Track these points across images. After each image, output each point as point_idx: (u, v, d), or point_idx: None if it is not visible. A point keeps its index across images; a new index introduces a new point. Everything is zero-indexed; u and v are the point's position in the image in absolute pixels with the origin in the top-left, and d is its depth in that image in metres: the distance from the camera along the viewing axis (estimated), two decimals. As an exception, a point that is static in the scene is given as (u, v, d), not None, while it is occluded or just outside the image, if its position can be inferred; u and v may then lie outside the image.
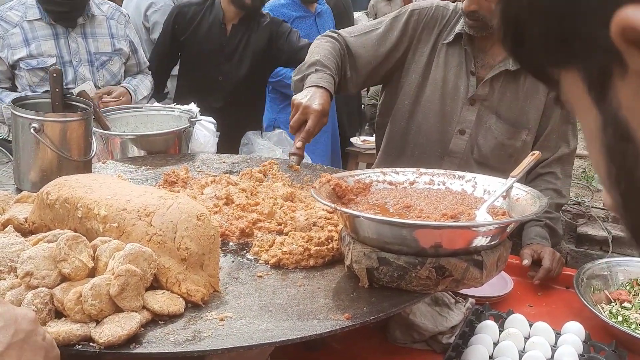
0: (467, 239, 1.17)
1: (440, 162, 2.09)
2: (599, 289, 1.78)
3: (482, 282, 1.21)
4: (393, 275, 1.19)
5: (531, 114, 2.04)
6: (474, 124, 2.05)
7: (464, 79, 2.04)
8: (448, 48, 2.07)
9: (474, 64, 2.03)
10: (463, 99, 2.05)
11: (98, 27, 2.82)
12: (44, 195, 1.34)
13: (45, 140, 1.66)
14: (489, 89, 2.02)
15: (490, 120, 2.04)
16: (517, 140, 2.05)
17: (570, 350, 1.46)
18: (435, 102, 2.08)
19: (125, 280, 1.06)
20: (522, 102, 2.03)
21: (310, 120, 1.75)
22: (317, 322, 1.09)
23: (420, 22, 2.09)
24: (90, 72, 2.78)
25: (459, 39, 2.04)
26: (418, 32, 2.09)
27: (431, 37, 2.09)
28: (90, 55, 2.78)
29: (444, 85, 2.06)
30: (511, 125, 2.04)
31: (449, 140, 2.09)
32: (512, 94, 2.03)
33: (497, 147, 2.05)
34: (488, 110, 2.04)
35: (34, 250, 1.10)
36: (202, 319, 1.10)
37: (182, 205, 1.22)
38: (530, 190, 1.36)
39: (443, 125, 2.08)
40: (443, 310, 1.59)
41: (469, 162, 2.07)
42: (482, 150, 2.06)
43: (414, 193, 1.48)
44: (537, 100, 2.03)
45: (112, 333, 1.00)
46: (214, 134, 2.48)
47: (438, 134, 2.09)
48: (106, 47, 2.84)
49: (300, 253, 1.35)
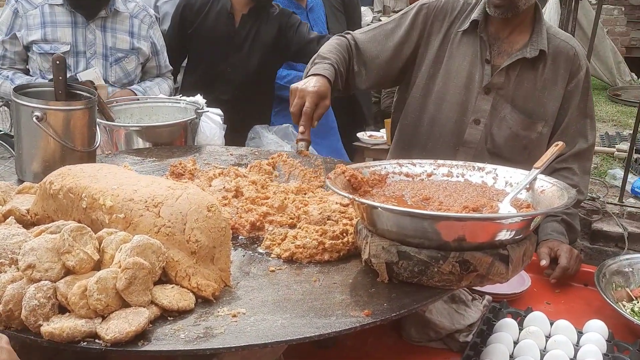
0: (493, 231, 1.11)
1: (455, 152, 2.03)
2: (621, 286, 1.72)
3: (507, 278, 1.15)
4: (414, 270, 1.13)
5: (549, 106, 1.97)
6: (488, 114, 2.00)
7: (479, 67, 1.99)
8: (462, 37, 2.01)
9: (489, 52, 1.98)
10: (478, 88, 1.99)
11: (120, 24, 2.75)
12: (47, 185, 1.29)
13: (48, 129, 1.61)
14: (504, 77, 1.97)
15: (505, 110, 1.98)
16: (533, 132, 1.99)
17: (594, 350, 1.40)
18: (448, 92, 2.03)
19: (133, 274, 1.00)
20: (540, 93, 1.97)
21: (307, 102, 1.72)
22: (336, 319, 1.03)
23: (430, 15, 2.06)
24: (103, 66, 2.71)
25: (475, 26, 1.98)
26: (428, 25, 2.05)
27: (442, 28, 2.04)
28: (106, 50, 2.70)
29: (458, 75, 2.01)
30: (527, 116, 1.98)
31: (464, 131, 2.03)
32: (529, 83, 1.96)
33: (511, 138, 1.99)
34: (503, 100, 1.98)
35: (37, 242, 1.04)
36: (214, 315, 1.05)
37: (192, 196, 1.16)
38: (556, 182, 1.30)
39: (458, 115, 2.03)
40: (460, 308, 1.54)
41: (483, 153, 2.01)
42: (495, 141, 2.01)
43: (432, 185, 1.42)
44: (556, 91, 1.97)
45: (119, 329, 0.95)
46: (221, 126, 2.43)
47: (452, 124, 2.03)
48: (124, 45, 2.76)
49: (314, 247, 1.30)
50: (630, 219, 2.83)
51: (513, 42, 1.97)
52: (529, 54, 1.92)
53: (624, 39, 8.55)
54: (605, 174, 3.28)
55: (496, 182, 1.41)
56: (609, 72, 6.48)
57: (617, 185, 3.07)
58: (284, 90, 3.48)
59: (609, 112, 5.29)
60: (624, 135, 4.39)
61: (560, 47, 1.97)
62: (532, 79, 1.96)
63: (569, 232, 1.96)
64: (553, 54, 1.96)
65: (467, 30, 2.00)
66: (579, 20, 4.59)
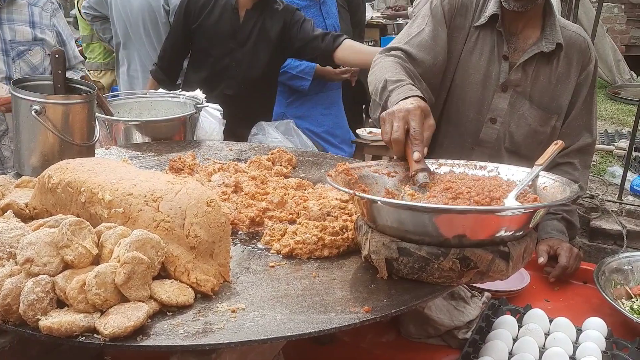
0: (494, 226, 1.10)
1: (470, 152, 1.99)
2: (620, 284, 1.72)
3: (508, 275, 1.14)
4: (414, 266, 1.12)
5: (562, 99, 1.94)
6: (506, 112, 1.94)
7: (496, 64, 1.93)
8: (480, 32, 1.94)
9: (507, 47, 1.92)
10: (494, 86, 1.94)
11: (17, 13, 2.53)
12: (46, 179, 1.28)
13: (46, 123, 1.60)
14: (521, 73, 1.91)
15: (524, 107, 1.93)
16: (548, 127, 1.95)
17: (593, 347, 1.40)
18: (465, 90, 1.96)
19: (132, 269, 1.00)
20: (554, 87, 1.93)
21: (413, 123, 1.41)
22: (335, 315, 1.03)
23: (453, 10, 1.95)
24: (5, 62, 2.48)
25: (494, 20, 1.91)
26: (453, 20, 1.96)
27: (465, 23, 1.96)
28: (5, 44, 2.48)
29: (475, 72, 1.95)
30: (544, 111, 1.93)
31: (480, 130, 1.98)
32: (545, 77, 1.92)
33: (530, 135, 1.95)
34: (521, 97, 1.93)
35: (35, 236, 1.04)
36: (213, 310, 1.04)
37: (191, 191, 1.16)
38: (558, 178, 1.29)
39: (473, 114, 1.97)
40: (459, 304, 1.54)
41: (500, 152, 1.97)
42: (514, 139, 1.96)
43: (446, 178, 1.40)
44: (569, 84, 1.93)
45: (117, 324, 0.94)
46: (220, 122, 2.42)
47: (468, 123, 1.98)
48: (25, 36, 2.54)
49: (314, 243, 1.29)
50: (629, 216, 2.83)
51: (526, 37, 1.92)
52: (545, 48, 1.88)
53: (624, 37, 8.54)
54: (604, 171, 3.28)
55: None
56: (609, 70, 6.48)
57: (616, 183, 3.07)
58: (296, 80, 3.49)
59: (609, 110, 5.29)
60: (623, 133, 4.39)
61: (572, 39, 1.93)
62: (547, 73, 1.92)
63: (569, 229, 1.96)
64: (566, 46, 1.91)
65: (484, 25, 1.92)
66: (579, 18, 4.59)
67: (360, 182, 1.37)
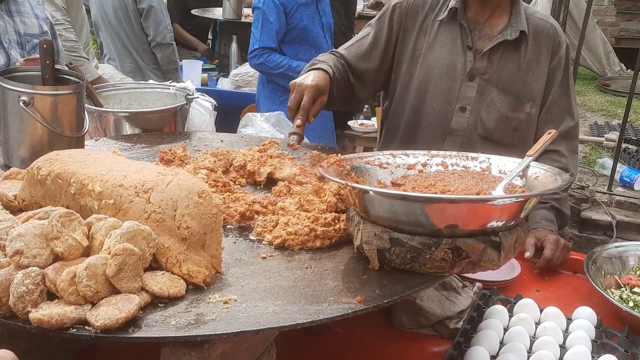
0: (485, 216, 1.11)
1: (442, 142, 2.04)
2: (609, 274, 1.74)
3: (499, 265, 1.15)
4: (406, 256, 1.13)
5: (534, 85, 1.99)
6: (474, 100, 2.00)
7: (461, 54, 1.99)
8: (440, 26, 2.02)
9: (470, 38, 1.98)
10: (462, 76, 2.00)
11: (22, 5, 2.41)
12: (35, 171, 1.27)
13: (35, 114, 1.58)
14: (487, 62, 1.97)
15: (492, 94, 1.99)
16: (521, 113, 2.00)
17: (583, 336, 1.41)
18: (430, 82, 2.03)
19: (123, 260, 0.99)
20: (524, 73, 1.98)
21: (305, 96, 1.74)
22: (328, 306, 1.03)
23: (403, 14, 2.07)
24: (23, 56, 2.35)
25: (454, 14, 1.99)
26: (402, 24, 2.07)
27: (416, 24, 2.06)
28: (20, 37, 2.37)
29: (438, 65, 2.02)
30: (514, 97, 1.99)
31: (450, 119, 2.03)
32: (513, 65, 1.97)
33: (501, 121, 2.00)
34: (488, 84, 1.99)
35: (24, 228, 1.02)
36: (205, 301, 1.04)
37: (182, 182, 1.15)
38: (550, 167, 1.30)
39: (442, 104, 2.03)
40: (451, 295, 1.54)
41: (472, 139, 2.02)
42: (485, 125, 2.01)
43: (431, 175, 1.41)
44: (540, 70, 1.98)
45: (109, 316, 0.93)
46: (211, 113, 2.41)
47: (437, 113, 2.04)
48: (34, 29, 2.43)
49: (306, 234, 1.29)
50: (618, 207, 2.86)
51: (493, 25, 1.98)
52: (509, 36, 1.94)
53: (614, 29, 8.57)
54: (594, 163, 3.30)
55: (490, 171, 1.41)
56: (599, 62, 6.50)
57: (605, 174, 3.09)
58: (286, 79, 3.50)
59: (598, 102, 5.31)
60: (613, 125, 4.42)
61: (540, 26, 1.99)
62: (515, 61, 1.97)
63: (558, 218, 1.97)
64: (534, 34, 1.97)
65: (445, 19, 2.00)
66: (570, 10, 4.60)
67: (352, 173, 1.37)
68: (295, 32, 3.54)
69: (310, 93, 1.75)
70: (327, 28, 3.73)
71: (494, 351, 1.36)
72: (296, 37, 3.55)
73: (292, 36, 3.55)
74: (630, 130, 4.01)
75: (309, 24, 3.56)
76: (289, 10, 3.53)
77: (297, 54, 3.56)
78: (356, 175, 1.38)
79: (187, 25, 5.65)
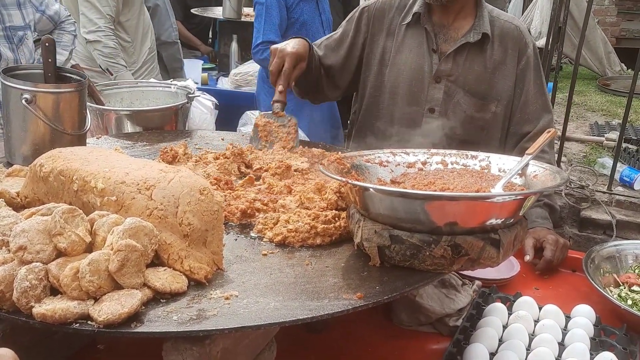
0: (485, 214, 1.11)
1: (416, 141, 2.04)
2: (608, 272, 1.74)
3: (498, 262, 1.16)
4: (406, 253, 1.13)
5: (500, 85, 2.02)
6: (442, 101, 2.03)
7: (427, 57, 2.02)
8: (407, 30, 2.05)
9: (435, 42, 2.01)
10: (429, 78, 2.03)
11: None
12: (37, 168, 1.28)
13: (37, 112, 1.59)
14: (452, 64, 2.00)
15: (458, 95, 2.02)
16: (487, 113, 2.03)
17: (581, 334, 1.42)
18: (399, 85, 2.06)
19: (125, 256, 1.00)
20: (491, 74, 2.01)
21: (286, 62, 1.82)
22: (328, 302, 1.04)
23: (371, 17, 2.10)
24: (10, 49, 2.30)
25: (418, 18, 2.02)
26: (371, 27, 2.10)
27: (383, 26, 2.09)
28: (6, 30, 2.29)
29: (406, 68, 2.05)
30: (479, 99, 2.02)
31: (421, 120, 2.06)
32: (479, 66, 2.00)
33: (466, 121, 2.03)
34: (455, 85, 2.02)
35: (28, 224, 1.03)
36: (207, 297, 1.05)
37: (184, 179, 1.16)
38: (549, 166, 1.31)
39: (412, 106, 2.06)
40: (450, 292, 1.55)
41: (442, 139, 2.03)
42: (452, 124, 2.04)
43: (430, 173, 1.42)
44: (506, 70, 2.01)
45: (111, 311, 0.94)
46: (212, 112, 2.41)
47: (408, 115, 2.07)
48: (18, 20, 2.33)
49: (306, 231, 1.29)
50: (618, 207, 2.86)
51: (458, 28, 2.01)
52: (472, 39, 1.97)
53: (614, 29, 8.57)
54: (594, 162, 3.30)
55: (489, 169, 1.42)
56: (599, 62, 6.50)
57: (605, 173, 3.09)
58: None
59: (599, 102, 5.31)
60: (613, 124, 4.42)
61: (505, 28, 2.02)
62: (481, 62, 2.00)
63: (552, 214, 2.01)
64: (499, 35, 2.00)
65: (410, 23, 2.03)
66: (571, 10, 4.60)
67: (352, 171, 1.38)
68: (296, 27, 3.55)
69: (290, 59, 1.82)
70: (326, 25, 3.74)
71: (493, 348, 1.37)
72: (296, 32, 3.56)
73: (292, 31, 3.56)
74: (631, 129, 4.02)
75: (309, 19, 3.57)
76: (290, 5, 3.53)
77: None
78: (356, 173, 1.39)
79: (187, 24, 5.67)
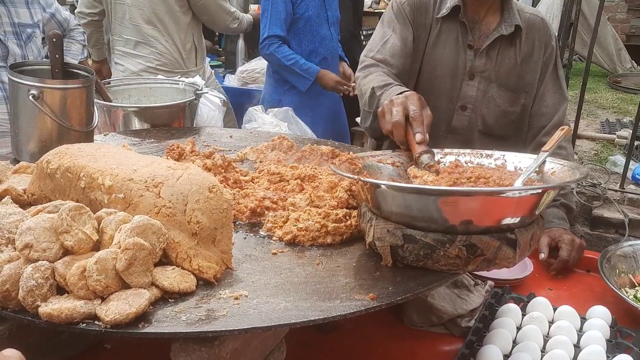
0: (501, 212, 1.08)
1: (444, 140, 2.03)
2: (624, 272, 1.71)
3: (514, 263, 1.13)
4: (419, 253, 1.11)
5: (527, 77, 1.99)
6: (475, 98, 2.00)
7: (462, 53, 1.98)
8: (443, 24, 1.99)
9: (472, 37, 1.97)
10: (462, 75, 1.99)
11: None
12: (44, 165, 1.26)
13: (44, 108, 1.57)
14: (485, 59, 1.97)
15: (492, 90, 1.99)
16: (517, 106, 2.01)
17: (597, 335, 1.39)
18: (434, 82, 2.02)
19: (133, 255, 0.98)
20: (520, 67, 1.99)
21: (412, 106, 1.45)
22: (340, 302, 1.01)
23: (414, 9, 1.99)
24: (19, 45, 2.29)
25: (455, 12, 1.96)
26: (416, 18, 2.01)
27: (426, 21, 2.01)
28: (15, 27, 2.28)
29: (442, 63, 2.00)
30: (512, 92, 1.99)
31: (452, 118, 2.03)
32: (510, 60, 1.98)
33: (501, 116, 2.00)
34: (488, 81, 1.99)
35: (34, 221, 1.01)
36: (216, 297, 1.02)
37: (193, 177, 1.13)
38: (566, 162, 1.28)
39: (445, 103, 2.02)
40: (462, 293, 1.52)
41: (472, 136, 2.03)
42: (487, 121, 2.01)
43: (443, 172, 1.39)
44: (533, 62, 1.99)
45: (119, 311, 0.92)
46: (220, 109, 2.39)
47: (440, 113, 2.02)
48: (26, 18, 2.33)
49: (316, 230, 1.27)
50: (631, 205, 2.82)
51: (489, 23, 1.98)
52: (505, 31, 1.94)
53: (624, 26, 8.50)
54: (606, 160, 3.26)
55: (505, 167, 1.39)
56: (610, 59, 6.44)
57: (617, 172, 3.05)
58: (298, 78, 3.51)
59: (610, 99, 5.26)
60: (625, 122, 4.37)
61: (530, 20, 2.00)
62: (512, 55, 1.98)
63: (568, 214, 1.97)
64: (526, 28, 1.98)
65: (446, 16, 1.98)
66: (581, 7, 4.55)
67: (364, 171, 1.35)
68: (301, 22, 3.55)
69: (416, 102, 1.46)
70: (332, 22, 3.72)
71: (506, 350, 1.34)
72: (301, 27, 3.56)
73: (297, 26, 3.56)
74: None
75: (314, 15, 3.56)
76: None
77: (301, 45, 3.57)
78: (368, 173, 1.37)
79: None
